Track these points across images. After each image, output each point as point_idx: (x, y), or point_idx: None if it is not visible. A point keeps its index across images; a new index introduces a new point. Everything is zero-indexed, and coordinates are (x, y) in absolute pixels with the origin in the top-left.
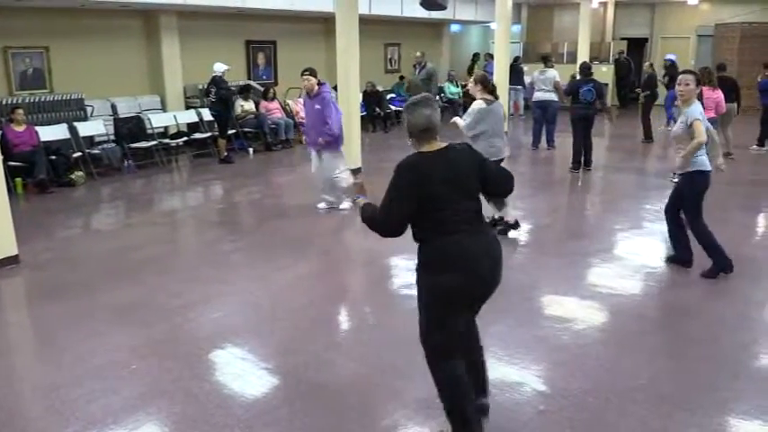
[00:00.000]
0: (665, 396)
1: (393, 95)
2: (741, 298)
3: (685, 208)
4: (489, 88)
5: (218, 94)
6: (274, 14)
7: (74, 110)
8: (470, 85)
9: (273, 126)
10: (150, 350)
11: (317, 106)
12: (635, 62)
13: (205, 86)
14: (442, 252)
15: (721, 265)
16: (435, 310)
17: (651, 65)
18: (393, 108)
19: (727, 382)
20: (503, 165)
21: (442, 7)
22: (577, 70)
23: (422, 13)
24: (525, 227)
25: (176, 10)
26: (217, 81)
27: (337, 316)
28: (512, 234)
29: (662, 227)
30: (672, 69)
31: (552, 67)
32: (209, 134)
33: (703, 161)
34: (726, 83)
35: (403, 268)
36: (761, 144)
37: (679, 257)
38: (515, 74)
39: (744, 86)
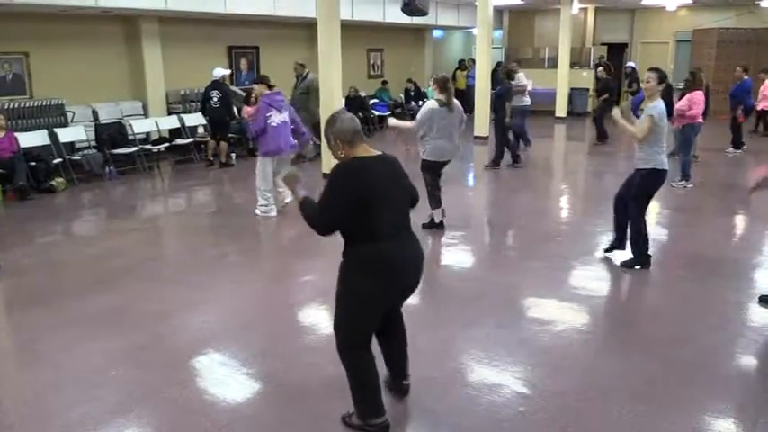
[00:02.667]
0: (642, 395)
1: (376, 100)
2: (718, 298)
3: (634, 199)
4: (446, 91)
5: (223, 99)
6: (257, 20)
7: (54, 116)
8: (432, 87)
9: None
10: (131, 357)
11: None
12: (615, 68)
13: (202, 91)
14: (373, 259)
15: (641, 260)
16: (357, 307)
17: (605, 69)
18: (376, 113)
19: (702, 380)
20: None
21: (424, 13)
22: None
23: (404, 19)
24: (504, 230)
25: (158, 16)
26: (220, 86)
27: (318, 320)
28: (488, 238)
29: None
30: (633, 75)
31: (517, 72)
32: (191, 140)
33: (661, 160)
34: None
35: None
36: (736, 147)
37: (615, 244)
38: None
39: (720, 91)
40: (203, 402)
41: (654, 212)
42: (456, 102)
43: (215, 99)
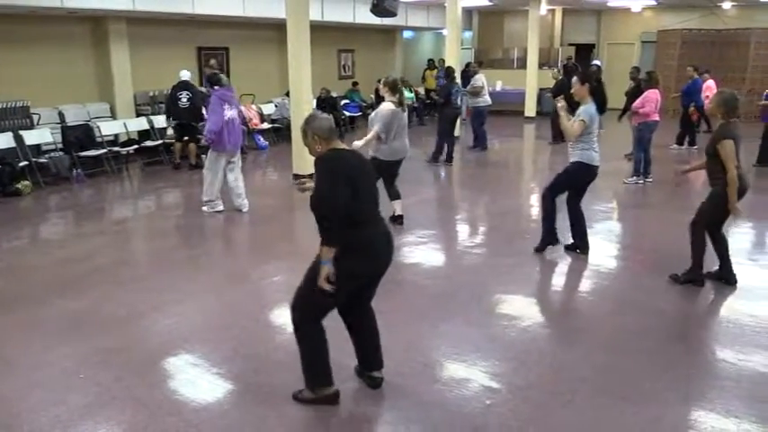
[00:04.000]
0: (606, 388)
1: (347, 101)
2: (679, 293)
3: (553, 183)
4: (398, 92)
5: (193, 100)
6: (226, 21)
7: (19, 118)
8: (381, 87)
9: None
10: (100, 359)
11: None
12: (583, 68)
13: (167, 92)
14: (358, 240)
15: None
16: (339, 281)
17: (559, 70)
18: (347, 114)
19: (663, 372)
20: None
21: (393, 14)
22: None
23: (374, 20)
24: (472, 228)
25: (125, 16)
26: (190, 86)
27: (288, 320)
28: (457, 236)
29: (604, 225)
30: (596, 74)
31: (476, 73)
32: (160, 142)
33: (590, 156)
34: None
35: None
36: (679, 143)
37: (547, 238)
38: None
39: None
40: (174, 403)
41: (606, 208)
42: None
43: (184, 99)
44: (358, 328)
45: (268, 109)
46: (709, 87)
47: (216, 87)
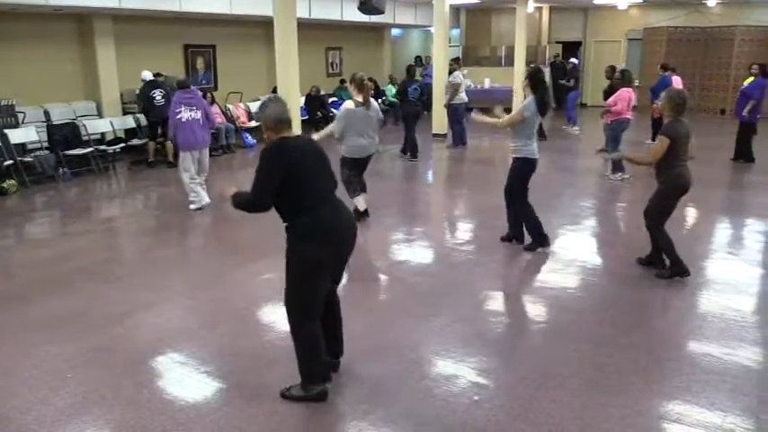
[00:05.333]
0: (592, 382)
1: (335, 99)
2: (665, 288)
3: (512, 189)
4: (364, 90)
5: (167, 97)
6: (213, 18)
7: (4, 116)
8: (348, 85)
9: (213, 132)
10: (87, 359)
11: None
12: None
13: (141, 91)
14: (315, 224)
15: (539, 241)
16: (303, 276)
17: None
18: (335, 111)
19: (649, 366)
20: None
21: (380, 11)
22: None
23: (362, 18)
24: (461, 225)
25: (111, 14)
26: (161, 84)
27: (276, 317)
28: (445, 234)
29: (589, 221)
30: (573, 72)
31: (454, 70)
32: (147, 140)
33: (530, 151)
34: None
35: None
36: (654, 140)
37: (514, 234)
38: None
39: None
40: (162, 402)
41: (590, 204)
42: (372, 101)
43: (159, 97)
44: (325, 317)
45: (256, 107)
46: (677, 82)
47: (181, 89)
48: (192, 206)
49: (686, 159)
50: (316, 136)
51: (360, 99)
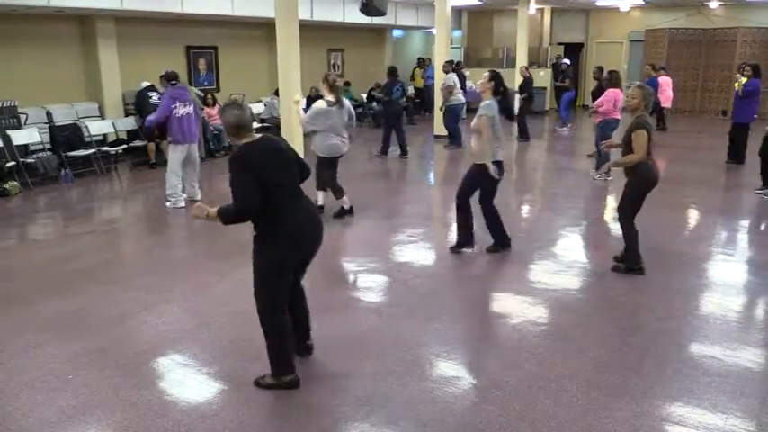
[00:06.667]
0: (594, 383)
1: None
2: (666, 289)
3: (482, 194)
4: (335, 90)
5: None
6: (215, 20)
7: (6, 118)
8: (321, 85)
9: (216, 132)
10: (89, 360)
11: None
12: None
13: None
14: (281, 228)
15: (501, 242)
16: (269, 273)
17: (527, 68)
18: None
19: (651, 367)
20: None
21: (382, 13)
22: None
23: (364, 19)
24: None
25: (113, 15)
26: (155, 87)
27: None
28: (446, 234)
29: (587, 223)
30: (566, 72)
31: (447, 72)
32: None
33: (494, 153)
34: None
35: (348, 269)
36: None
37: (462, 242)
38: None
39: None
40: (163, 403)
41: (586, 206)
42: (345, 100)
43: (155, 98)
44: (291, 307)
45: (257, 108)
46: (666, 83)
47: (173, 82)
48: (168, 204)
49: (652, 154)
50: (303, 116)
51: (332, 98)
